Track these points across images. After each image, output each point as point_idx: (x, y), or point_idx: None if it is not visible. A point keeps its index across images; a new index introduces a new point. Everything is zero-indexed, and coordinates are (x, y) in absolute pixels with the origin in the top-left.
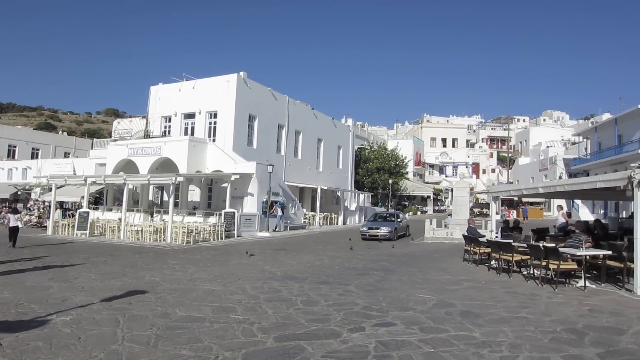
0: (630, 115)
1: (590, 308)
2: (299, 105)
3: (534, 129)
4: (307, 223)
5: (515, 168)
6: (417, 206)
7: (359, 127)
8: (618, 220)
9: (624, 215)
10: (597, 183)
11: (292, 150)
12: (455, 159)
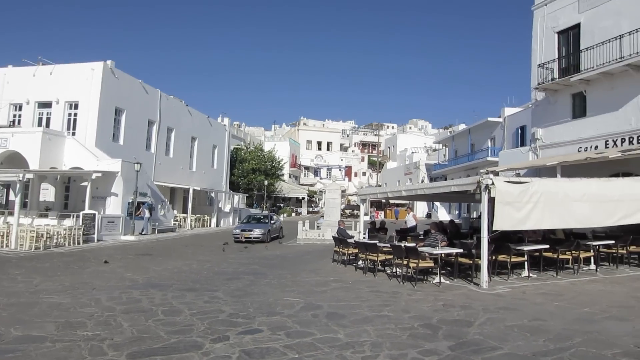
0: (481, 126)
1: (444, 303)
2: (173, 100)
3: (401, 136)
4: (178, 225)
5: (384, 172)
6: (292, 208)
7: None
8: (470, 220)
9: (474, 215)
10: (452, 187)
11: (164, 148)
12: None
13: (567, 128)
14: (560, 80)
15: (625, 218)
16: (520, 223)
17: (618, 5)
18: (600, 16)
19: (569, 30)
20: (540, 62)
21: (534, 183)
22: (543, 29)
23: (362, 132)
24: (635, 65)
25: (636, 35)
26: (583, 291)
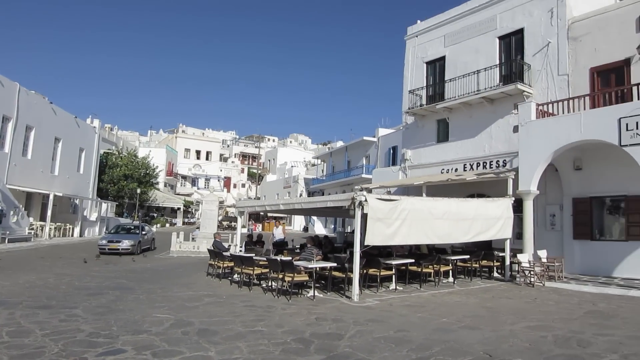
0: (357, 144)
1: (317, 316)
2: (34, 96)
3: (281, 149)
4: (34, 234)
5: (264, 184)
6: (166, 218)
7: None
8: (344, 234)
9: (348, 230)
10: (328, 202)
11: (21, 148)
12: (209, 172)
13: (432, 151)
14: (427, 107)
15: (479, 235)
16: (389, 238)
17: (476, 43)
18: (462, 52)
19: (435, 61)
20: (410, 89)
21: (403, 201)
22: (414, 58)
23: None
24: (489, 98)
25: (490, 72)
26: (442, 302)
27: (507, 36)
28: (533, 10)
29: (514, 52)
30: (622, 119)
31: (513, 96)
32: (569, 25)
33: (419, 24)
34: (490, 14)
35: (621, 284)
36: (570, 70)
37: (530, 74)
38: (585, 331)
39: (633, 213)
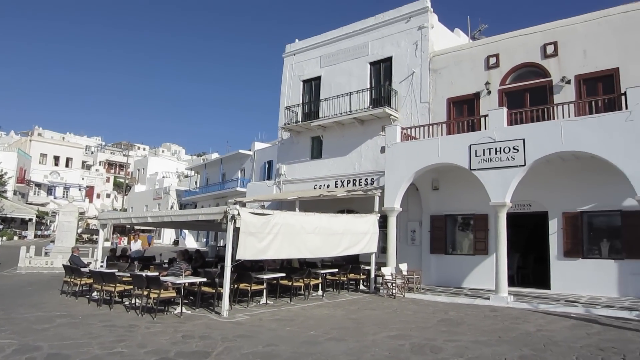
0: (233, 157)
1: (183, 334)
2: None
3: (152, 159)
4: None
5: (131, 195)
6: (15, 230)
7: None
8: (216, 248)
9: (221, 244)
10: (200, 216)
11: None
12: (68, 180)
13: (306, 166)
14: (302, 124)
15: (348, 249)
16: (261, 252)
17: (350, 67)
18: (336, 73)
19: (312, 80)
20: (287, 105)
21: (275, 215)
22: (291, 75)
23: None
24: (360, 119)
25: (362, 95)
26: (312, 315)
27: (378, 63)
28: (400, 41)
29: (383, 78)
30: (472, 145)
31: (381, 119)
32: (431, 58)
33: (297, 43)
34: (363, 40)
35: (468, 294)
36: (431, 98)
37: (397, 99)
38: (437, 338)
39: (479, 230)
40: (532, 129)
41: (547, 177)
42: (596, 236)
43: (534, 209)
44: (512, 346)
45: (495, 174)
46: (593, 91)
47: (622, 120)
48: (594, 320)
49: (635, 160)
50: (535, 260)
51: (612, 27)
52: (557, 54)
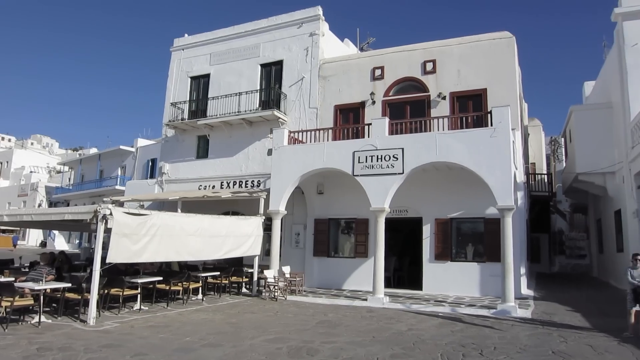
0: (113, 153)
1: (39, 346)
2: None
3: (19, 151)
4: None
5: None
6: None
7: None
8: (90, 250)
9: None
10: (66, 215)
11: None
12: None
13: (191, 166)
14: (188, 122)
15: (231, 252)
16: (136, 255)
17: (241, 67)
18: (226, 72)
19: (200, 77)
20: (173, 101)
21: (153, 216)
22: (179, 71)
23: None
24: (249, 120)
25: (251, 96)
26: (189, 321)
27: (269, 65)
28: (292, 46)
29: (273, 81)
30: (356, 152)
31: (270, 121)
32: (321, 65)
33: (187, 38)
34: (254, 41)
35: (348, 296)
36: (319, 104)
37: (286, 103)
38: (315, 340)
39: (360, 234)
40: (410, 139)
41: (422, 185)
42: (463, 241)
43: (410, 214)
44: (385, 346)
45: (376, 180)
46: (464, 108)
47: (488, 135)
48: (458, 318)
49: (497, 172)
50: (410, 263)
51: (482, 51)
52: (435, 72)
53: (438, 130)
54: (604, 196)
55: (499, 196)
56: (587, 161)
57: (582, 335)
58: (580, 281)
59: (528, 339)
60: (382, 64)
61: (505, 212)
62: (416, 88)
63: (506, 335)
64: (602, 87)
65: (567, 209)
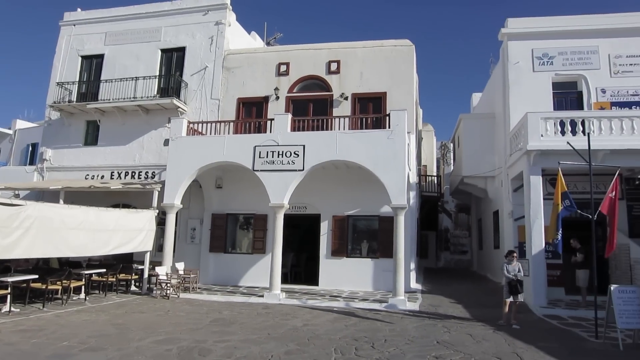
0: None
1: None
2: None
3: None
4: None
5: None
6: None
7: None
8: None
9: None
10: None
11: None
12: None
13: (78, 153)
14: (77, 104)
15: (120, 247)
16: (5, 251)
17: (139, 50)
18: (123, 54)
19: (93, 57)
20: (60, 81)
21: (28, 207)
22: (68, 48)
23: None
24: (145, 107)
25: (149, 81)
26: (67, 323)
27: (170, 51)
28: (196, 33)
29: (174, 68)
30: (257, 147)
31: (168, 110)
32: (225, 55)
33: (79, 13)
34: (155, 24)
35: (244, 292)
36: (222, 96)
37: (187, 92)
38: (207, 339)
39: (258, 229)
40: (312, 136)
41: (322, 182)
42: (359, 238)
43: (309, 211)
44: (280, 342)
45: (276, 176)
46: (365, 109)
47: (385, 137)
48: (352, 313)
49: (392, 172)
50: (307, 259)
51: (384, 56)
52: (339, 72)
53: (339, 130)
54: (485, 198)
55: (393, 195)
56: (472, 165)
57: (463, 325)
58: (462, 275)
59: (416, 331)
60: (288, 60)
61: (399, 211)
62: (320, 87)
63: (396, 328)
64: (488, 99)
65: (453, 209)
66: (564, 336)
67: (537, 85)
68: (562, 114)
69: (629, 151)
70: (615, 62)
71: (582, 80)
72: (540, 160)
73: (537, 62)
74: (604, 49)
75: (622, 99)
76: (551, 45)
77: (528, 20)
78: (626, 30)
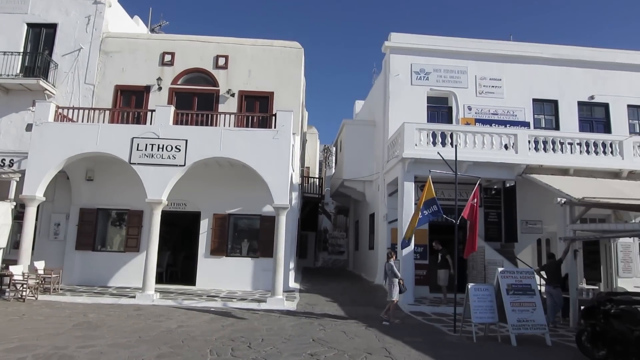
0: None
1: None
2: None
3: None
4: None
5: None
6: None
7: None
8: None
9: None
10: None
11: None
12: None
13: None
14: None
15: None
16: None
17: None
18: None
19: None
20: None
21: None
22: None
23: None
24: (5, 87)
25: (12, 58)
26: None
27: (39, 26)
28: (70, 10)
29: (42, 45)
30: (135, 138)
31: (33, 92)
32: (103, 38)
33: None
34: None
35: (114, 293)
36: (97, 81)
37: (57, 73)
38: (69, 345)
39: (132, 226)
40: (195, 131)
41: (203, 179)
42: (239, 237)
43: (189, 208)
44: (151, 345)
45: (155, 170)
46: (252, 107)
47: (271, 137)
48: (230, 313)
49: (276, 172)
50: (185, 258)
51: (273, 56)
52: (227, 67)
53: (224, 126)
54: (363, 201)
55: (276, 195)
56: (352, 170)
57: (337, 323)
58: (338, 275)
59: (292, 329)
60: (174, 50)
61: (281, 211)
62: (206, 81)
63: (273, 327)
64: (370, 107)
65: (333, 211)
66: (427, 331)
67: (414, 98)
68: (435, 127)
69: (488, 164)
70: (480, 83)
71: (453, 96)
72: (414, 168)
73: (415, 76)
74: (472, 70)
75: (484, 117)
76: (428, 62)
77: (409, 37)
78: (489, 55)
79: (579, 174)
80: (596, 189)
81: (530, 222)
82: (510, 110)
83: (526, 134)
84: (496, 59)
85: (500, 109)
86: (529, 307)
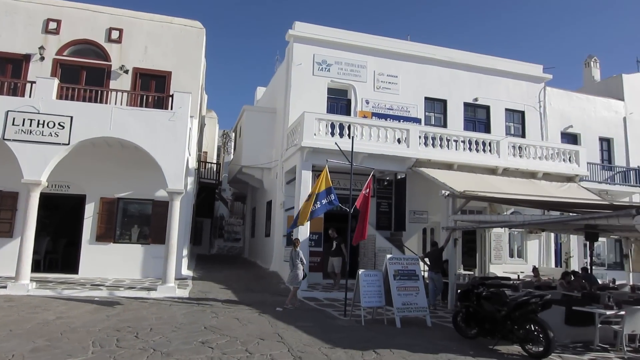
0: None
1: None
2: None
3: None
4: None
5: None
6: None
7: None
8: None
9: None
10: None
11: None
12: None
13: None
14: None
15: None
16: None
17: None
18: None
19: None
20: None
21: None
22: None
23: None
24: None
25: None
26: None
27: None
28: None
29: None
30: (11, 112)
31: None
32: None
33: None
34: None
35: None
36: None
37: None
38: None
39: (5, 209)
40: (82, 108)
41: (91, 160)
42: (129, 222)
43: (73, 191)
44: (25, 339)
45: (34, 148)
46: (147, 86)
47: (166, 119)
48: (116, 302)
49: (171, 156)
50: (67, 244)
51: (172, 34)
52: (121, 42)
53: (115, 104)
54: (261, 188)
55: (170, 180)
56: (251, 156)
57: (231, 309)
58: (234, 262)
59: (184, 317)
60: (60, 17)
61: (175, 196)
62: (97, 54)
63: (163, 316)
64: (271, 94)
65: (230, 197)
66: (318, 316)
67: (315, 88)
68: (333, 117)
69: (382, 156)
70: (378, 79)
71: (352, 89)
72: (312, 157)
73: (317, 67)
74: (371, 65)
75: (380, 111)
76: (330, 54)
77: (314, 27)
78: (388, 52)
79: (461, 169)
80: (476, 183)
81: (417, 212)
82: (404, 107)
83: (417, 129)
84: (394, 57)
85: (395, 104)
86: (412, 291)
